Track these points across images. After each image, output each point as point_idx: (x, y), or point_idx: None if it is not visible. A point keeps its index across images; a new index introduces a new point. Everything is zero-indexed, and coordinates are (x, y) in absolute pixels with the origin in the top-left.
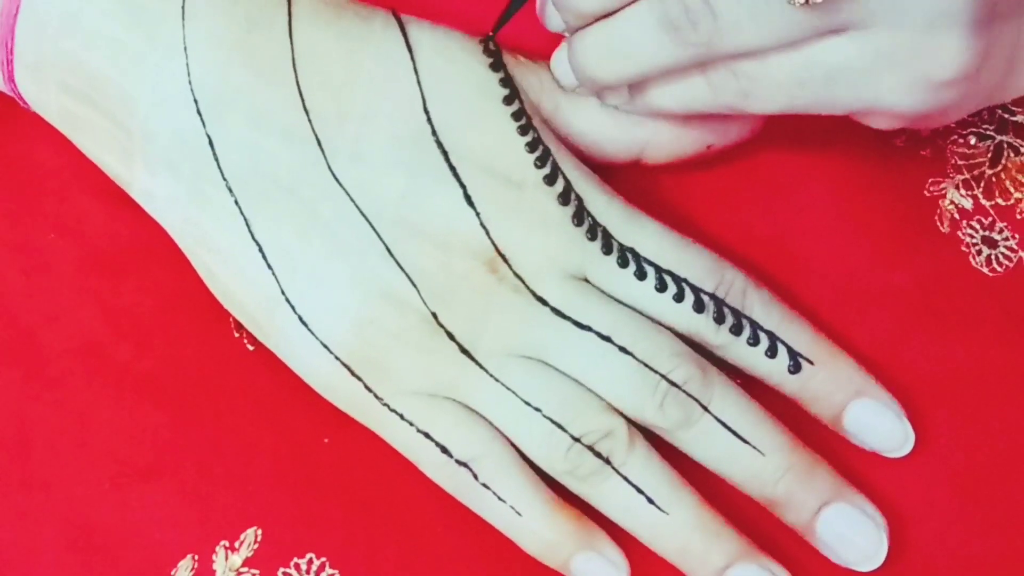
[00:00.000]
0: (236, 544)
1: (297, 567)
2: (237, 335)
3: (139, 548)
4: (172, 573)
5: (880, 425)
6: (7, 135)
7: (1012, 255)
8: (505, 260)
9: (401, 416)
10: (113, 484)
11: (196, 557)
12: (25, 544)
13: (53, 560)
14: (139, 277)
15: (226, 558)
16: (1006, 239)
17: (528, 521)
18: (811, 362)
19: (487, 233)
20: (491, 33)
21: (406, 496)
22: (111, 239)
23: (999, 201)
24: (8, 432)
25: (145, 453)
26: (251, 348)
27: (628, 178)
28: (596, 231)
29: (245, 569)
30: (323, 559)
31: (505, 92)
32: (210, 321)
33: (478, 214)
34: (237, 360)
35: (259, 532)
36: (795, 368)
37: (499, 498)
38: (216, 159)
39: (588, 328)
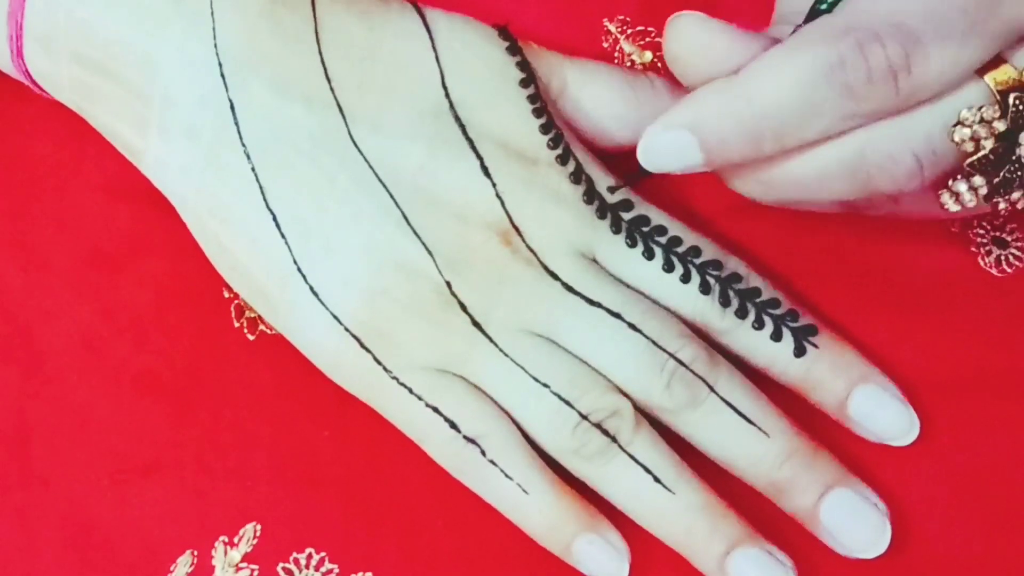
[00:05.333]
0: (235, 539)
1: (296, 562)
2: (237, 324)
3: (138, 544)
4: (171, 569)
5: (885, 411)
6: (6, 131)
7: (1023, 255)
8: (519, 232)
9: (410, 390)
10: (112, 480)
11: (195, 553)
12: (24, 541)
13: (52, 557)
14: (137, 272)
15: (225, 553)
16: (1016, 240)
17: (534, 500)
18: (816, 346)
19: (502, 204)
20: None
21: (406, 490)
22: (109, 235)
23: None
24: (7, 429)
25: (144, 449)
26: (251, 338)
27: (629, 171)
28: (606, 211)
29: (244, 564)
30: (323, 554)
31: (521, 75)
32: (209, 314)
33: (494, 184)
34: (236, 352)
35: (258, 527)
36: (800, 351)
37: (506, 475)
38: (236, 124)
39: (598, 305)
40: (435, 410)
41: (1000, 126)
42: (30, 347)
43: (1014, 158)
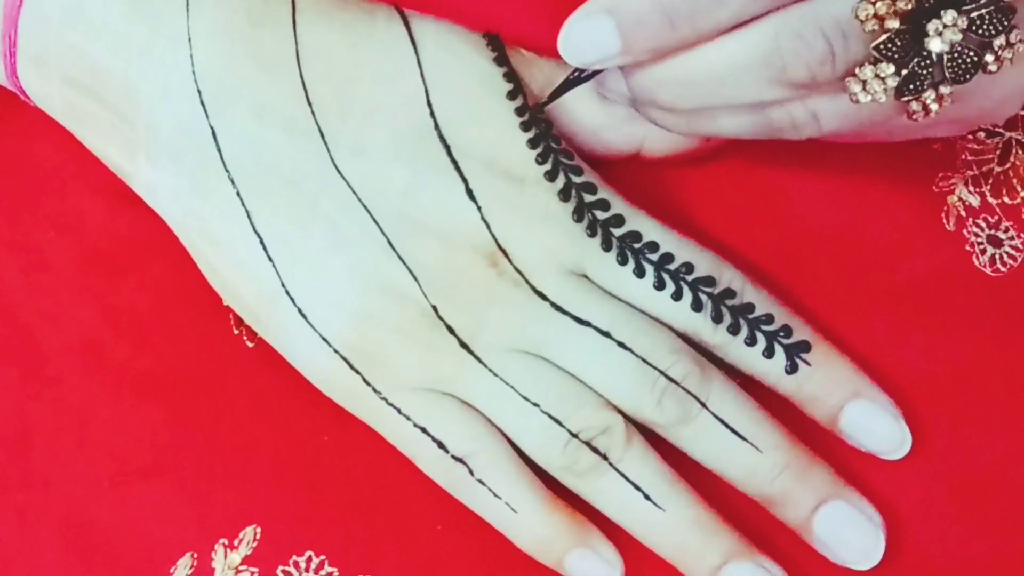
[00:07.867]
0: (235, 542)
1: (296, 565)
2: (237, 331)
3: (138, 546)
4: (171, 571)
5: (877, 427)
6: (7, 133)
7: (1017, 255)
8: (505, 254)
9: (398, 410)
10: (112, 482)
11: (195, 555)
12: (24, 542)
13: (52, 558)
14: (138, 275)
15: (225, 556)
16: (1011, 238)
17: (523, 518)
18: (808, 363)
19: (488, 227)
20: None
21: (405, 494)
22: (110, 237)
23: (1006, 199)
24: (7, 430)
25: (144, 451)
26: (251, 345)
27: (628, 176)
28: (596, 227)
29: (244, 567)
30: (322, 557)
31: (509, 87)
32: (210, 318)
33: (479, 208)
34: (236, 357)
35: (258, 530)
36: (792, 369)
37: (494, 494)
38: (219, 150)
39: (587, 323)
40: (423, 430)
41: (904, 5)
42: (31, 349)
43: (925, 53)
